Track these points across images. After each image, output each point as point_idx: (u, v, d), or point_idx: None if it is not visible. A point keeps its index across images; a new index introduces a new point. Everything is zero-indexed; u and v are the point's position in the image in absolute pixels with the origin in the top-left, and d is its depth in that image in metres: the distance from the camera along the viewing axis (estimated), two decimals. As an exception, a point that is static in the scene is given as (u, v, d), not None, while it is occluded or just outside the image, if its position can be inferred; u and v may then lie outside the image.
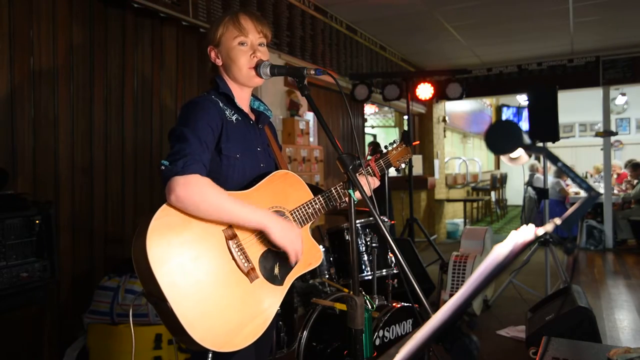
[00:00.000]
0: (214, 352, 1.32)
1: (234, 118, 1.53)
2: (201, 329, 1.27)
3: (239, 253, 1.38)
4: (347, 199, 1.64)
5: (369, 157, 1.86)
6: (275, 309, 1.45)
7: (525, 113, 12.78)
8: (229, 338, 1.32)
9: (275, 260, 1.48)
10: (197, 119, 1.41)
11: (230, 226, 1.39)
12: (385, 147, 1.88)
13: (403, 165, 1.89)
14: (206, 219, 1.34)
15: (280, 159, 1.68)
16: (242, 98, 1.61)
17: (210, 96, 1.52)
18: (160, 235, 1.27)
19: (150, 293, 1.29)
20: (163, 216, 1.29)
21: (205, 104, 1.47)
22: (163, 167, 1.33)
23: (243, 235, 1.41)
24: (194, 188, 1.30)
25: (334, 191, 1.62)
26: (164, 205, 1.31)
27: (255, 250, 1.43)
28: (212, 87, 1.59)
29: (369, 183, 1.53)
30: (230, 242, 1.37)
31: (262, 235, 1.45)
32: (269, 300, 1.44)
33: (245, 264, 1.39)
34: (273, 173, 1.54)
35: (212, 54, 1.58)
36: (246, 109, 1.62)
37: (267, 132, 1.70)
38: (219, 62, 1.58)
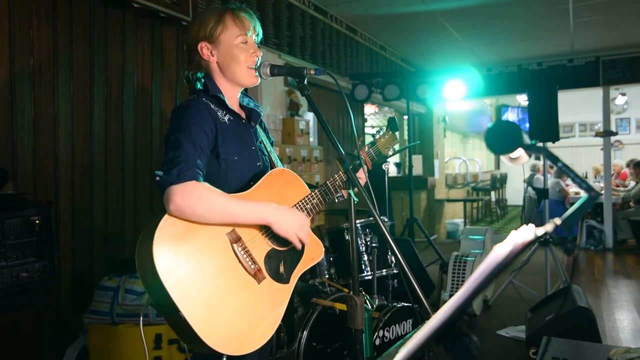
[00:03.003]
0: (228, 356, 1.32)
1: (226, 119, 1.50)
2: (215, 335, 1.26)
3: (244, 255, 1.38)
4: (343, 191, 1.66)
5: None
6: (284, 307, 1.45)
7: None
8: (242, 341, 1.32)
9: (280, 258, 1.48)
10: (189, 123, 1.38)
11: (233, 229, 1.38)
12: (373, 135, 1.89)
13: (391, 153, 1.90)
14: (208, 223, 1.32)
15: (271, 156, 1.67)
16: (233, 97, 1.57)
17: (201, 99, 1.48)
18: (166, 246, 1.25)
19: (160, 304, 1.28)
20: (166, 226, 1.27)
21: (197, 108, 1.43)
22: (158, 178, 1.30)
23: (247, 237, 1.40)
24: (192, 195, 1.27)
25: (329, 184, 1.62)
26: (166, 215, 1.28)
27: (260, 250, 1.42)
28: (194, 87, 1.53)
29: (364, 171, 1.54)
30: (235, 246, 1.36)
31: (265, 235, 1.45)
32: (277, 299, 1.44)
33: (252, 266, 1.38)
34: (270, 172, 1.53)
35: (205, 51, 1.51)
36: (236, 108, 1.59)
37: (258, 129, 1.68)
38: (213, 59, 1.52)
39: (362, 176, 1.59)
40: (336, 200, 1.68)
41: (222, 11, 1.52)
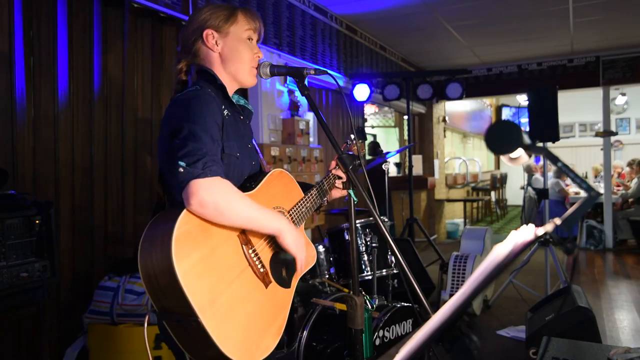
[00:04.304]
0: None
1: (225, 113, 1.45)
2: (231, 342, 1.20)
3: (254, 258, 1.35)
4: (329, 195, 1.68)
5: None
6: (287, 313, 1.43)
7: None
8: (255, 348, 1.28)
9: (282, 263, 1.46)
10: (204, 115, 1.32)
11: (243, 231, 1.34)
12: (346, 142, 1.89)
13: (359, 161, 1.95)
14: (224, 224, 1.26)
15: (259, 155, 1.65)
16: (231, 92, 1.53)
17: (206, 90, 1.40)
18: (185, 246, 1.18)
19: (169, 309, 1.19)
20: (184, 225, 1.19)
21: (207, 99, 1.37)
22: (181, 170, 1.22)
23: (255, 240, 1.38)
24: (218, 192, 1.22)
25: (321, 187, 1.63)
26: (185, 212, 1.21)
27: (266, 254, 1.41)
28: (181, 79, 1.49)
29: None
30: (245, 248, 1.33)
31: (271, 239, 1.43)
32: (281, 304, 1.42)
33: (261, 269, 1.36)
34: (270, 173, 1.51)
35: (210, 39, 1.46)
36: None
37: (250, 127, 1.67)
38: (217, 49, 1.47)
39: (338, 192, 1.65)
40: (322, 205, 1.68)
41: (234, 7, 1.52)
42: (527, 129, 4.77)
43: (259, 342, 1.30)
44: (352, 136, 1.87)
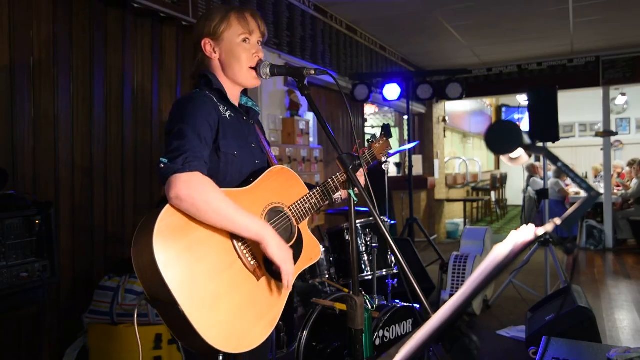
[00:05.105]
0: (224, 354, 1.30)
1: (227, 114, 1.50)
2: (214, 331, 1.24)
3: (244, 251, 1.37)
4: (342, 192, 1.67)
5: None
6: (282, 306, 1.44)
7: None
8: (241, 338, 1.30)
9: None
10: (194, 115, 1.38)
11: None
12: (369, 140, 1.89)
13: (384, 159, 1.90)
14: (202, 220, 1.29)
15: (269, 155, 1.67)
16: (234, 95, 1.58)
17: (204, 92, 1.48)
18: (166, 238, 1.22)
19: (156, 298, 1.25)
20: (167, 217, 1.25)
21: (201, 100, 1.43)
22: (162, 165, 1.28)
23: None
24: (196, 186, 1.26)
25: (327, 186, 1.62)
26: (168, 206, 1.26)
27: (260, 247, 1.42)
28: (200, 82, 1.54)
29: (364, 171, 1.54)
30: (235, 241, 1.36)
31: None
32: (275, 297, 1.43)
33: (252, 262, 1.38)
34: (270, 169, 1.53)
35: (208, 47, 1.53)
36: (237, 105, 1.60)
37: (256, 128, 1.69)
38: (215, 56, 1.53)
39: (361, 178, 1.59)
40: (334, 202, 1.69)
41: (228, 10, 1.54)
42: (524, 128, 4.77)
43: (246, 332, 1.32)
44: (377, 134, 1.88)
